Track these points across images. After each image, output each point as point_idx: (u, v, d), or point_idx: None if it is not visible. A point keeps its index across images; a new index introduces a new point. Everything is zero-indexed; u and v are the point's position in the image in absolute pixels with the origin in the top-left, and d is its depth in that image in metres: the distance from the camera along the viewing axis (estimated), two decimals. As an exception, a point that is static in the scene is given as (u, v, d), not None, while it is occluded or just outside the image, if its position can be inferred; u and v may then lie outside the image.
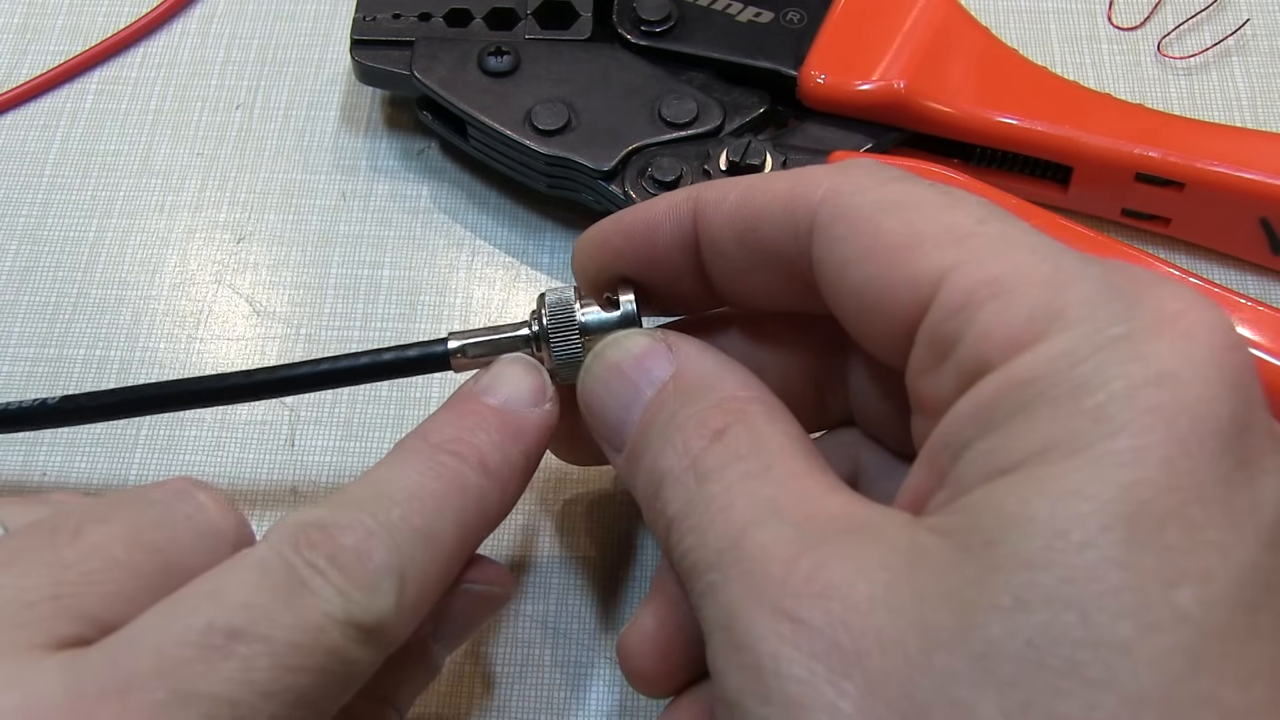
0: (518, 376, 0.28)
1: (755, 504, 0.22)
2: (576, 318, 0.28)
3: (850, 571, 0.20)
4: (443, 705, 0.31)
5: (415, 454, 0.26)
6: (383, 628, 0.23)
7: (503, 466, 0.26)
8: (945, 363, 0.21)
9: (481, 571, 0.27)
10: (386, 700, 0.27)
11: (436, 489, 0.25)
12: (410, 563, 0.23)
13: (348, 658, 0.22)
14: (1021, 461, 0.19)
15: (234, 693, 0.21)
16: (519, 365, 0.28)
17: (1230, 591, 0.18)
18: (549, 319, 0.28)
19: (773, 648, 0.19)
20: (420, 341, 0.29)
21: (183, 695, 0.20)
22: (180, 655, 0.21)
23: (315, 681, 0.21)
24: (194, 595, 0.22)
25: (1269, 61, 0.41)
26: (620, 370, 0.26)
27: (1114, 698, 0.17)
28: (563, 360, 0.28)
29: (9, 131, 0.42)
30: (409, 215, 0.40)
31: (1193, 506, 0.18)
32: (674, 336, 0.26)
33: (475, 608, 0.28)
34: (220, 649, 0.21)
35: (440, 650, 0.28)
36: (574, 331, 0.28)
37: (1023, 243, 0.21)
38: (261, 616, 0.21)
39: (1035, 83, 0.37)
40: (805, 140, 0.37)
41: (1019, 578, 0.18)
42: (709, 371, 0.25)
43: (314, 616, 0.22)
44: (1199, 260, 0.37)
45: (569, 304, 0.28)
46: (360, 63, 0.39)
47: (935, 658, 0.18)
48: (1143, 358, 0.19)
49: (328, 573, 0.22)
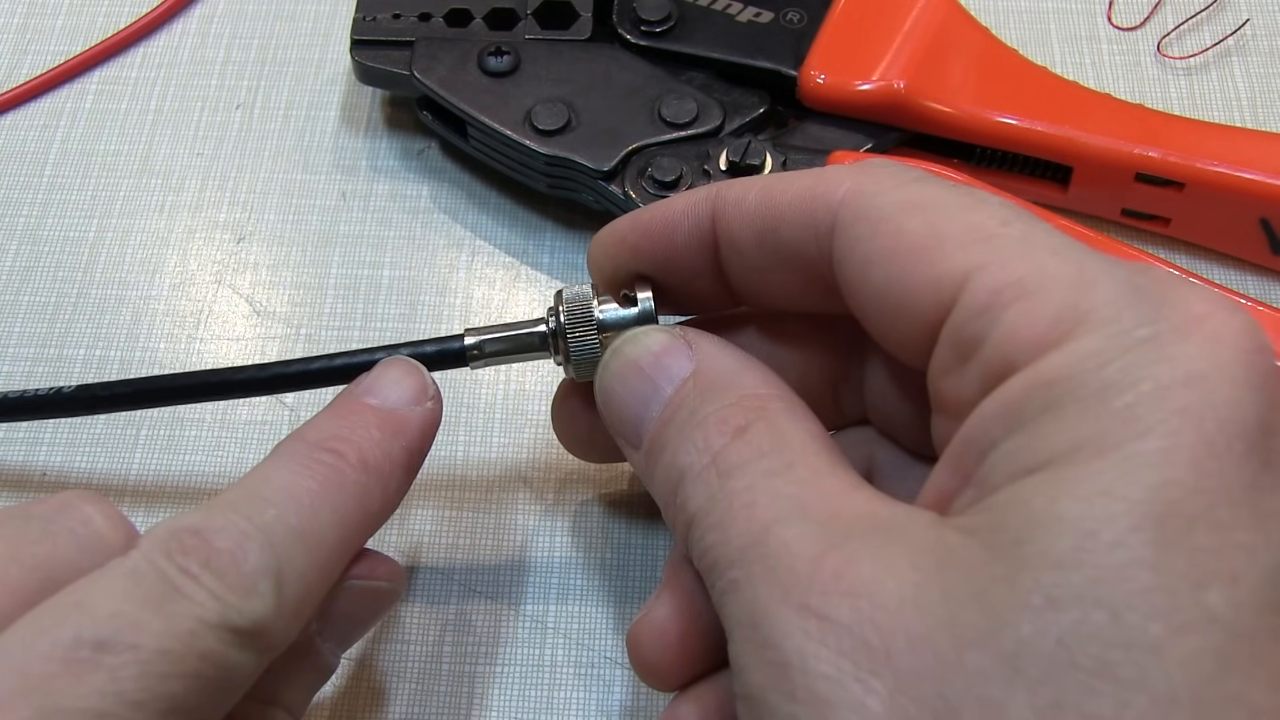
0: (398, 377, 0.28)
1: (778, 501, 0.22)
2: (594, 314, 0.28)
3: (878, 569, 0.20)
4: (443, 705, 0.31)
5: (292, 454, 0.25)
6: (261, 630, 0.22)
7: (383, 462, 0.26)
8: (969, 363, 0.21)
9: (370, 567, 0.27)
10: (274, 702, 0.26)
11: (313, 487, 0.24)
12: (288, 563, 0.23)
13: (226, 663, 0.22)
14: (1049, 461, 0.19)
15: (103, 704, 0.20)
16: (399, 366, 0.28)
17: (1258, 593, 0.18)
18: (566, 315, 0.28)
19: (799, 644, 0.19)
20: (437, 338, 0.29)
21: (48, 712, 0.20)
22: (46, 671, 0.20)
23: (191, 688, 0.21)
24: (61, 607, 0.21)
25: (1269, 61, 0.41)
26: (639, 367, 0.26)
27: (1145, 698, 0.17)
28: (580, 357, 0.28)
29: (9, 131, 0.42)
30: (409, 215, 0.40)
31: (1221, 508, 0.18)
32: (693, 333, 0.26)
33: (363, 604, 0.27)
34: (87, 661, 0.20)
35: (330, 649, 0.27)
36: (591, 328, 0.28)
37: (1046, 244, 0.21)
38: (129, 625, 0.21)
39: (1035, 83, 0.37)
40: (805, 140, 0.37)
41: (1049, 577, 0.18)
42: (729, 369, 0.25)
43: (186, 622, 0.21)
44: (1199, 260, 0.37)
45: (587, 300, 0.28)
46: (360, 63, 0.39)
47: (966, 656, 0.18)
48: (1170, 359, 0.19)
49: (201, 577, 0.22)
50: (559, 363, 0.29)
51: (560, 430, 0.31)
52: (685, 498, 0.23)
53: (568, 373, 0.29)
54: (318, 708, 0.31)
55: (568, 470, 0.34)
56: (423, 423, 0.27)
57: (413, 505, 0.34)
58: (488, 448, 0.35)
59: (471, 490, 0.34)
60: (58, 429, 0.36)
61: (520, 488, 0.34)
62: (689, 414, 0.24)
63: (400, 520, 0.34)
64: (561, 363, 0.29)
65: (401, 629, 0.32)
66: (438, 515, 0.34)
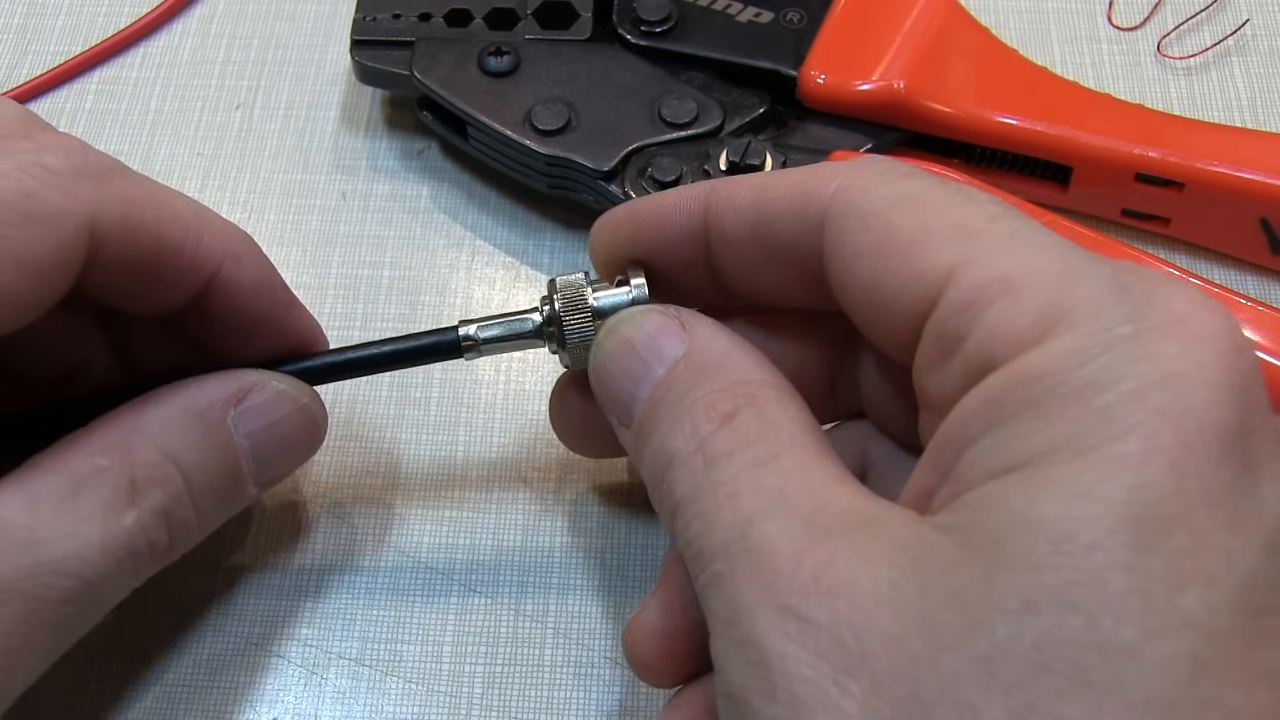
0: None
1: (762, 493, 0.22)
2: (589, 300, 0.28)
3: (856, 568, 0.20)
4: (443, 705, 0.31)
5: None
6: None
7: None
8: (952, 359, 0.21)
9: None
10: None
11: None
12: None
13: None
14: (1029, 460, 0.19)
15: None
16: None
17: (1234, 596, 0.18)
18: (560, 301, 0.28)
19: (779, 645, 0.19)
20: (432, 330, 0.30)
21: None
22: None
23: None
24: None
25: (1269, 61, 0.41)
26: (632, 345, 0.26)
27: (1119, 702, 0.17)
28: (575, 342, 0.28)
29: (9, 131, 0.42)
30: (409, 215, 0.40)
31: (1198, 511, 0.18)
32: (688, 314, 0.26)
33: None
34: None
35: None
36: (586, 314, 0.28)
37: (1033, 240, 0.21)
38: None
39: (1035, 83, 0.37)
40: (805, 140, 0.37)
41: (1026, 579, 0.18)
42: (721, 352, 0.25)
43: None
44: (1199, 260, 0.37)
45: (580, 286, 0.28)
46: (360, 63, 0.39)
47: (941, 659, 0.18)
48: (1150, 358, 0.19)
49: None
50: (554, 350, 0.29)
51: (558, 425, 0.31)
52: (671, 483, 0.23)
53: (563, 361, 0.29)
54: (317, 708, 0.31)
55: (567, 470, 0.34)
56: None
57: (413, 505, 0.34)
58: (488, 448, 0.35)
59: (471, 490, 0.34)
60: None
61: (520, 487, 0.34)
62: (678, 397, 0.24)
63: (401, 520, 0.34)
64: (556, 350, 0.29)
65: (401, 629, 0.32)
66: (437, 515, 0.34)
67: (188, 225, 0.27)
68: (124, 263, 0.26)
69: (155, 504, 0.26)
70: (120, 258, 0.26)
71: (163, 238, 0.26)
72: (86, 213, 0.25)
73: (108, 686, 0.31)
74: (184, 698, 0.31)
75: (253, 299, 0.28)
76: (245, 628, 0.32)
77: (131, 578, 0.26)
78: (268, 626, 0.32)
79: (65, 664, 0.26)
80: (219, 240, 0.28)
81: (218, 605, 0.32)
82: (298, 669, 0.31)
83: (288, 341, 0.30)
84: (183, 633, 0.32)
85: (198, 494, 0.27)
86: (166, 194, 0.27)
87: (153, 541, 0.26)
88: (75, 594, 0.25)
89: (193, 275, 0.27)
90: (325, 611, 0.32)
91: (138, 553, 0.26)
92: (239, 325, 0.29)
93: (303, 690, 0.31)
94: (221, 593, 0.32)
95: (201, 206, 0.28)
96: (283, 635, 0.32)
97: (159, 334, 0.30)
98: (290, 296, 0.30)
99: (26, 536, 0.24)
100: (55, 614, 0.24)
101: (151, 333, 0.30)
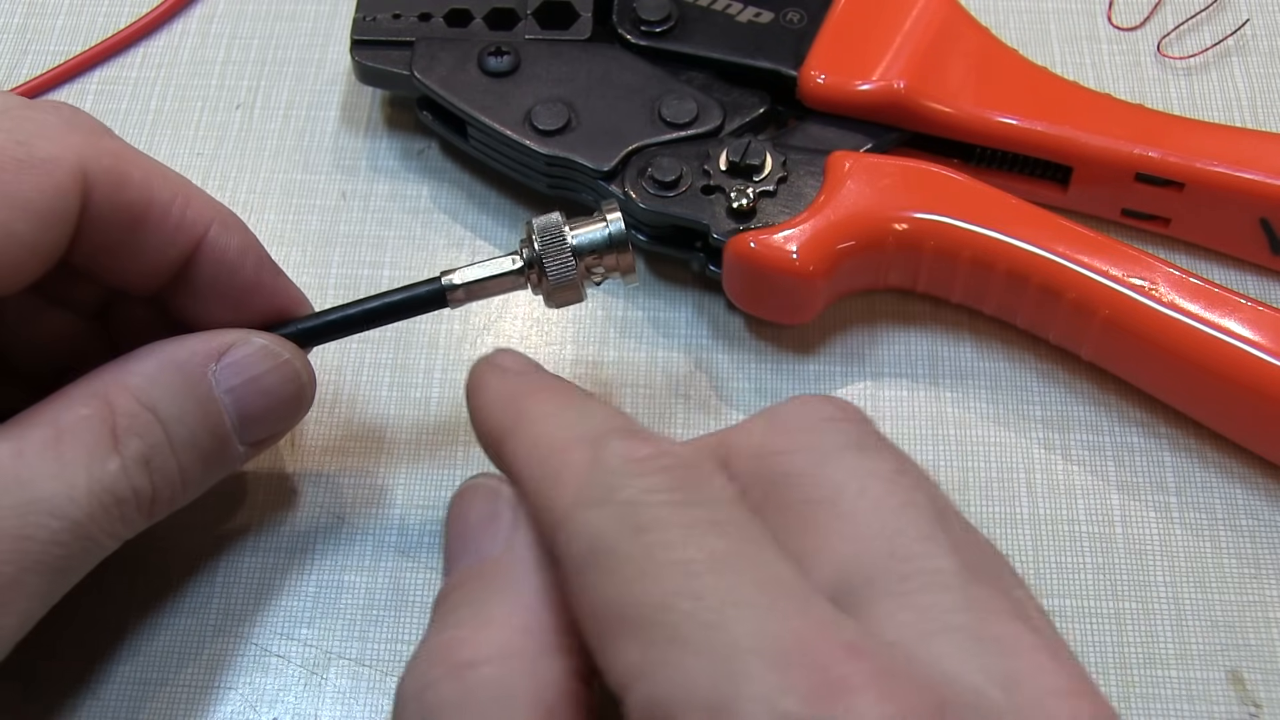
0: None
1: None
2: (567, 239, 0.30)
3: None
4: (443, 705, 0.31)
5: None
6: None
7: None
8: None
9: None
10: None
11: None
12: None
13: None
14: None
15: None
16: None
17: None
18: (541, 242, 0.30)
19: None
20: (416, 282, 0.31)
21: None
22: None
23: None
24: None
25: (1269, 61, 0.41)
26: (466, 518, 0.27)
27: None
28: (557, 282, 0.30)
29: (9, 131, 0.42)
30: (409, 215, 0.40)
31: None
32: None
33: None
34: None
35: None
36: (566, 252, 0.30)
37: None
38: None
39: (1035, 83, 0.37)
40: (805, 140, 0.37)
41: None
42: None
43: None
44: (1199, 260, 0.37)
45: (558, 225, 0.30)
46: (360, 63, 0.39)
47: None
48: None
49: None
50: (536, 292, 0.31)
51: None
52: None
53: (546, 302, 0.31)
54: (317, 708, 0.31)
55: (568, 470, 0.34)
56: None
57: (414, 505, 0.34)
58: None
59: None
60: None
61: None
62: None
63: (401, 520, 0.34)
64: (538, 291, 0.30)
65: (401, 629, 0.32)
66: (438, 515, 0.34)
67: (175, 187, 0.28)
68: (114, 216, 0.27)
69: (135, 452, 0.27)
70: (111, 210, 0.27)
71: (151, 192, 0.28)
72: (77, 159, 0.26)
73: (108, 686, 0.31)
74: (184, 698, 0.31)
75: (240, 265, 0.29)
76: (245, 628, 0.32)
77: (120, 525, 0.27)
78: (268, 626, 0.32)
79: (65, 663, 0.26)
80: (206, 206, 0.29)
81: (218, 606, 0.32)
82: (298, 669, 0.31)
83: (277, 311, 0.30)
84: (183, 633, 0.32)
85: (179, 446, 0.27)
86: (154, 160, 0.29)
87: (137, 489, 0.27)
88: (64, 535, 0.25)
89: (182, 236, 0.28)
90: (325, 611, 0.32)
91: (123, 499, 0.26)
92: (227, 294, 0.29)
93: (303, 690, 0.31)
94: (222, 593, 0.33)
95: (189, 180, 0.29)
96: (283, 635, 0.32)
97: (153, 329, 0.30)
98: (277, 265, 0.31)
99: (13, 479, 0.25)
100: (44, 554, 0.25)
101: (145, 328, 0.30)
